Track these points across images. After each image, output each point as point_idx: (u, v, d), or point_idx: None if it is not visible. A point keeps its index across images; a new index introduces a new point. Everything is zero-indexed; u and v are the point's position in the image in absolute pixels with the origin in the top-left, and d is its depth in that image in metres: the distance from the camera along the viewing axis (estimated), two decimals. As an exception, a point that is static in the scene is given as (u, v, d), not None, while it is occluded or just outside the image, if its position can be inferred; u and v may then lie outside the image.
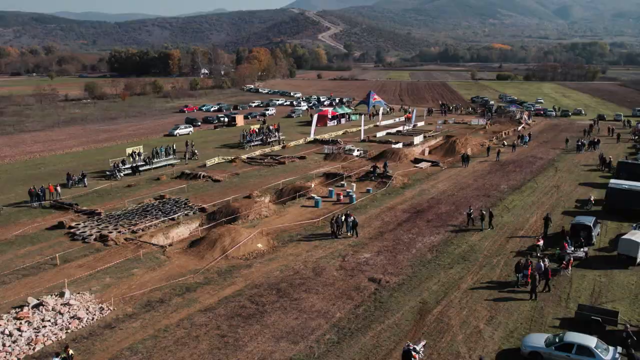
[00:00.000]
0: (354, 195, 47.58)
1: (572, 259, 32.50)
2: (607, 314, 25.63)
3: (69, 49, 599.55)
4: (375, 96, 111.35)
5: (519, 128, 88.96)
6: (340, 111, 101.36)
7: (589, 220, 36.85)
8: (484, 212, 39.68)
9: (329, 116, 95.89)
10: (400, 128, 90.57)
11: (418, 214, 43.71)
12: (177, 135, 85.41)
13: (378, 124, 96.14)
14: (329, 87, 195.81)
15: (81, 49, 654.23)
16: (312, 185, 51.11)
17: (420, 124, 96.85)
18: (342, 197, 47.67)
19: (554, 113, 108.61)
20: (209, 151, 71.74)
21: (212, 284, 31.17)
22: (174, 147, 66.53)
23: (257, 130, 78.06)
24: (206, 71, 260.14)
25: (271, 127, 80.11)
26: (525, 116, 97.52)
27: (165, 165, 62.39)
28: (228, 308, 27.99)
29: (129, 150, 60.02)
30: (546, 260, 31.60)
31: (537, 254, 34.30)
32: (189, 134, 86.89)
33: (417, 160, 64.08)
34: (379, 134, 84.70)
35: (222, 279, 31.74)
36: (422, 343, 23.75)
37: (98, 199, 49.52)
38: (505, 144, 73.60)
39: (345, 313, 27.33)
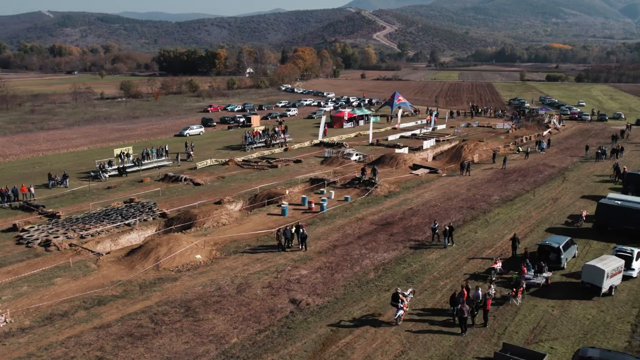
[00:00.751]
0: (325, 204, 44.77)
1: (524, 286, 28.71)
2: (531, 357, 21.97)
3: (130, 47, 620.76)
4: (400, 97, 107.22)
5: (544, 133, 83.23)
6: (358, 112, 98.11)
7: (558, 242, 32.76)
8: (447, 228, 36.11)
9: (345, 118, 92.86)
10: (417, 131, 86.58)
11: (385, 226, 40.52)
12: (187, 135, 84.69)
13: (396, 126, 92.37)
14: (369, 87, 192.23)
15: (142, 47, 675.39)
16: (287, 192, 48.63)
17: (441, 127, 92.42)
18: (313, 205, 44.97)
19: (589, 117, 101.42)
20: (209, 152, 70.49)
21: (127, 297, 29.32)
22: (167, 148, 65.46)
23: (260, 132, 76.13)
24: (251, 70, 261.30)
25: (277, 129, 78.02)
26: (554, 120, 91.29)
27: (155, 167, 61.43)
28: (124, 326, 26.02)
29: (117, 151, 59.33)
30: (492, 287, 28.06)
31: (491, 278, 30.67)
32: (199, 134, 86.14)
33: (415, 167, 60.46)
34: (391, 137, 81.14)
35: (140, 293, 29.84)
36: (410, 290, 28.06)
37: (71, 200, 48.85)
38: (520, 150, 68.64)
39: (243, 339, 24.82)
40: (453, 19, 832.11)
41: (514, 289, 28.25)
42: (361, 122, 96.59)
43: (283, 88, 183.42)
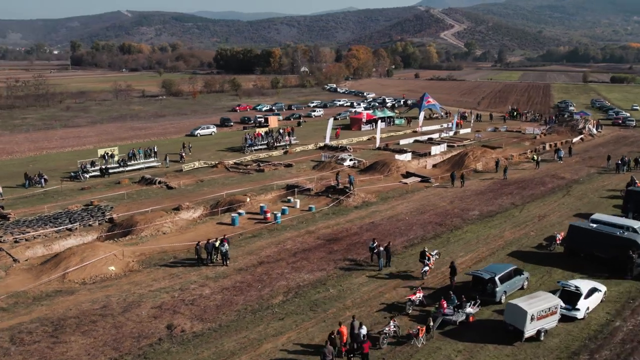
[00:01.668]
0: (279, 214, 41.78)
1: (431, 323, 24.72)
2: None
3: (202, 46, 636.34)
4: (430, 99, 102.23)
5: (574, 140, 76.21)
6: (379, 114, 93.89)
7: (495, 271, 28.30)
8: (380, 248, 32.28)
9: (364, 120, 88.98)
10: (436, 135, 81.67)
11: (331, 242, 37.07)
12: (198, 135, 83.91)
13: (418, 129, 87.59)
14: (419, 88, 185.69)
15: (214, 46, 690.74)
16: (248, 200, 45.94)
17: (466, 130, 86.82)
18: (268, 215, 42.07)
19: (633, 122, 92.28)
20: (207, 154, 69.01)
21: (9, 311, 27.69)
22: (155, 149, 64.31)
23: (262, 134, 73.82)
24: (305, 69, 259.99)
25: (282, 131, 75.50)
26: (589, 126, 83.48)
27: (142, 168, 60.39)
28: (-22, 345, 24.26)
29: (100, 152, 58.70)
30: (392, 324, 24.30)
31: (407, 311, 26.83)
32: (211, 134, 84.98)
33: (408, 175, 56.24)
34: (403, 142, 76.79)
35: (26, 307, 28.13)
36: (436, 251, 32.04)
37: (38, 201, 48.43)
38: (535, 158, 62.76)
39: (87, 369, 22.44)
40: (527, 17, 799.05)
41: (418, 327, 24.35)
42: (382, 125, 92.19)
43: (327, 87, 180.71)
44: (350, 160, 61.48)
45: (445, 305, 26.01)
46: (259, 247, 36.16)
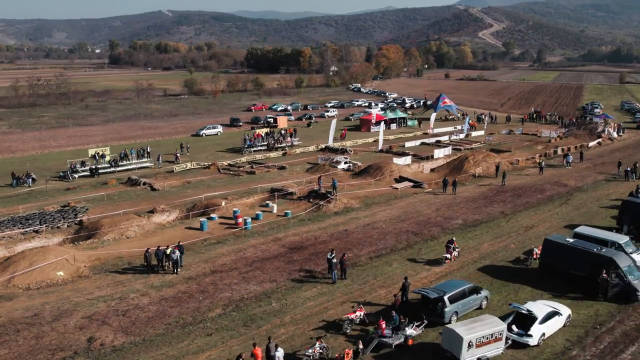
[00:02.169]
0: (249, 220, 40.32)
1: (360, 347, 22.78)
2: None
3: (240, 45, 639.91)
4: (446, 100, 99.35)
5: (591, 144, 72.37)
6: (390, 115, 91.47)
7: (443, 290, 26.13)
8: (334, 261, 30.38)
9: (373, 121, 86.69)
10: (445, 137, 78.91)
11: (294, 251, 35.39)
12: (204, 135, 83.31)
13: (428, 131, 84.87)
14: (447, 88, 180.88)
15: (252, 45, 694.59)
16: (223, 204, 44.63)
17: (478, 133, 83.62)
18: (239, 220, 40.67)
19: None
20: (205, 154, 68.19)
21: (-58, 316, 27.00)
22: (148, 150, 63.70)
23: (262, 135, 72.50)
24: (335, 69, 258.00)
25: (283, 132, 74.06)
26: (609, 129, 79.11)
27: (133, 169, 59.86)
28: None
29: (91, 152, 58.39)
30: (318, 345, 22.52)
31: (344, 330, 24.97)
32: (217, 134, 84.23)
33: (402, 179, 54.02)
34: (409, 144, 74.31)
35: (-43, 312, 27.40)
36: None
37: (22, 200, 48.27)
38: (542, 163, 59.67)
39: (-11, 383, 21.43)
40: (569, 17, 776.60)
41: (346, 350, 22.45)
42: (393, 126, 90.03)
43: (352, 87, 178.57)
44: (345, 163, 59.59)
45: (383, 326, 24.05)
46: (218, 255, 34.76)
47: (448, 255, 32.88)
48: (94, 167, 56.75)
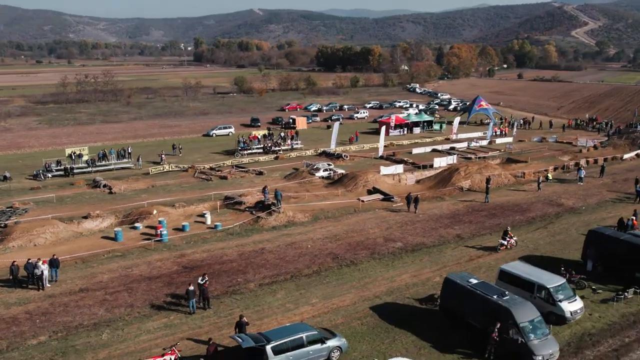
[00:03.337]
0: (165, 232, 37.48)
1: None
2: None
3: (326, 43, 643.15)
4: (482, 102, 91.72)
5: (626, 156, 63.39)
6: (414, 119, 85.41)
7: (269, 337, 21.85)
8: (191, 288, 26.76)
9: (392, 125, 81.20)
10: (464, 144, 72.41)
11: (187, 270, 32.13)
12: (214, 135, 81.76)
13: (451, 136, 78.33)
14: (515, 90, 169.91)
15: (339, 43, 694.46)
16: (154, 212, 42.04)
17: (506, 140, 76.03)
18: (159, 232, 37.91)
19: None
20: (197, 156, 66.36)
21: None
22: (130, 150, 62.45)
23: (259, 137, 69.45)
24: (406, 67, 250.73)
25: (283, 134, 70.70)
26: (655, 140, 69.18)
27: (113, 169, 58.91)
28: None
29: (68, 151, 57.94)
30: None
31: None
32: (228, 135, 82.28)
33: (374, 190, 49.15)
34: (417, 150, 68.64)
35: None
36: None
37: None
38: (550, 177, 52.56)
39: None
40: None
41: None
42: (416, 130, 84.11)
43: (409, 87, 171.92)
44: (325, 170, 55.36)
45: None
46: (104, 271, 32.16)
47: (503, 242, 34.83)
48: (68, 166, 56.17)
